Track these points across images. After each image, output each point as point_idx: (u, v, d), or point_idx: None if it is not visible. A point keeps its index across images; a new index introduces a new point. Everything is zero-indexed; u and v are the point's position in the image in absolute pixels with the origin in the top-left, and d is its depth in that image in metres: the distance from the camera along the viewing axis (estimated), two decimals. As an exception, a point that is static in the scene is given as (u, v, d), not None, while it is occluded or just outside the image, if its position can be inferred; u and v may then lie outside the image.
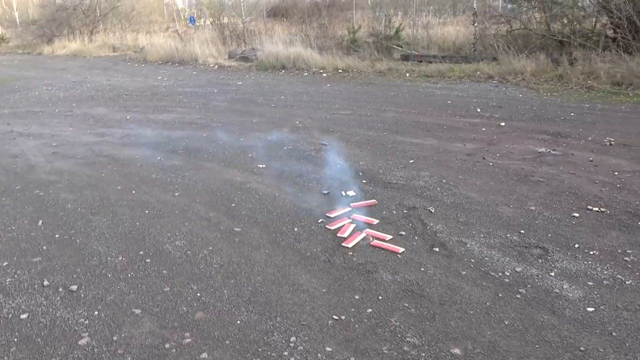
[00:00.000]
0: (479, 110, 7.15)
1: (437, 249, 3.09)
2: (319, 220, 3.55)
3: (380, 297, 2.59)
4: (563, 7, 11.42)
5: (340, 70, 12.03)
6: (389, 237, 3.25)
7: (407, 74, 10.91)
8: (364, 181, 4.36)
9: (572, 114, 6.76)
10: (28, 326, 2.44)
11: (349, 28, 14.86)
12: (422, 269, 2.86)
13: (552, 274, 2.77)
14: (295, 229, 3.43)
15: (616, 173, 4.40)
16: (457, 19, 18.57)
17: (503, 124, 6.31)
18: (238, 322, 2.43)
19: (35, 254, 3.19)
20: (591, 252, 2.99)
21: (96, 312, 2.54)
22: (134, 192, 4.28)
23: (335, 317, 2.44)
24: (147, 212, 3.83)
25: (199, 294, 2.67)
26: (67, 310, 2.57)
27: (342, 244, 3.17)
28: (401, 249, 3.08)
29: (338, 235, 3.31)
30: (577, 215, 3.54)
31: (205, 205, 3.92)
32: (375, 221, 3.50)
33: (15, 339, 2.35)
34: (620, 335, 2.24)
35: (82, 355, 2.22)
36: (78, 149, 5.81)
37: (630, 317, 2.36)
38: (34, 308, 2.59)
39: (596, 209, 3.63)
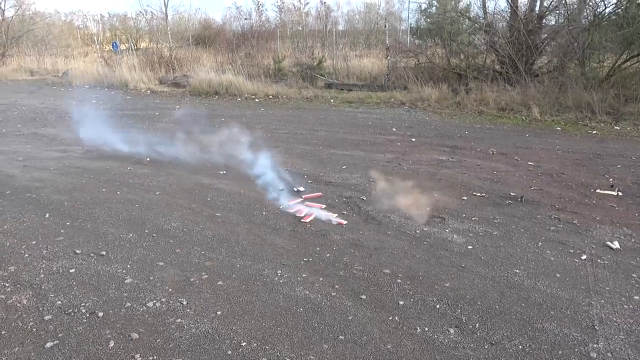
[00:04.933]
0: (394, 129, 8.63)
1: (370, 221, 4.30)
2: (281, 207, 4.64)
3: (334, 248, 3.73)
4: (460, 45, 13.56)
5: (270, 96, 13.23)
6: (335, 214, 4.41)
7: (332, 100, 12.34)
8: (309, 181, 5.52)
9: (466, 132, 8.43)
10: (79, 276, 3.29)
11: (275, 58, 16.18)
12: (361, 232, 4.05)
13: (447, 230, 4.08)
14: (264, 213, 4.49)
15: (495, 172, 5.92)
16: (371, 52, 20.63)
17: (414, 139, 7.80)
18: (238, 265, 3.45)
19: (57, 235, 3.98)
20: (473, 218, 4.36)
21: (129, 266, 3.44)
22: (118, 193, 5.11)
23: (305, 259, 3.54)
24: (137, 206, 4.70)
25: (203, 252, 3.65)
26: (104, 265, 3.44)
27: (302, 220, 4.29)
28: (345, 222, 4.25)
29: (297, 215, 4.42)
30: (465, 198, 4.94)
31: (186, 200, 4.86)
32: (323, 206, 4.66)
33: (73, 283, 3.20)
34: (485, 258, 3.55)
35: (132, 288, 3.13)
36: (47, 162, 6.44)
37: (493, 250, 3.69)
38: (78, 266, 3.43)
39: (479, 194, 5.06)
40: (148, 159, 6.47)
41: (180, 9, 32.83)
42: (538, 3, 12.07)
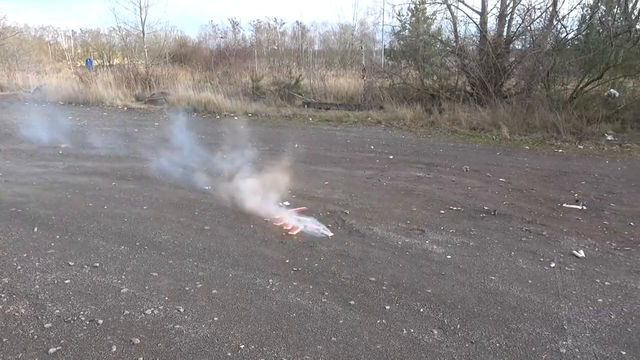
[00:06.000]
0: (372, 147, 8.92)
1: (354, 233, 4.51)
2: (267, 220, 4.80)
3: (321, 258, 3.92)
4: (433, 67, 14.07)
5: (249, 114, 13.41)
6: (323, 226, 4.61)
7: (310, 119, 12.61)
8: (293, 196, 5.70)
9: (441, 150, 8.78)
10: (75, 286, 3.38)
11: (253, 76, 16.40)
12: (346, 243, 4.25)
13: (427, 242, 4.31)
14: (252, 226, 4.65)
15: (469, 188, 6.23)
16: (346, 72, 21.08)
17: (391, 157, 8.09)
18: (230, 275, 3.60)
19: (48, 248, 4.04)
20: (451, 230, 4.61)
21: (123, 276, 3.54)
22: (105, 207, 5.19)
23: (294, 269, 3.71)
24: (125, 220, 4.79)
25: (195, 263, 3.79)
26: (99, 276, 3.53)
27: (289, 233, 4.47)
28: (331, 234, 4.45)
29: (284, 227, 4.59)
30: (443, 212, 5.20)
31: (174, 214, 4.98)
32: (309, 219, 4.84)
33: (70, 293, 3.28)
34: (463, 266, 3.80)
35: (128, 297, 3.24)
36: (29, 177, 6.44)
37: (470, 259, 3.94)
38: (73, 277, 3.52)
39: (455, 208, 5.33)
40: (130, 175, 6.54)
41: (157, 26, 32.78)
42: (506, 28, 12.72)
